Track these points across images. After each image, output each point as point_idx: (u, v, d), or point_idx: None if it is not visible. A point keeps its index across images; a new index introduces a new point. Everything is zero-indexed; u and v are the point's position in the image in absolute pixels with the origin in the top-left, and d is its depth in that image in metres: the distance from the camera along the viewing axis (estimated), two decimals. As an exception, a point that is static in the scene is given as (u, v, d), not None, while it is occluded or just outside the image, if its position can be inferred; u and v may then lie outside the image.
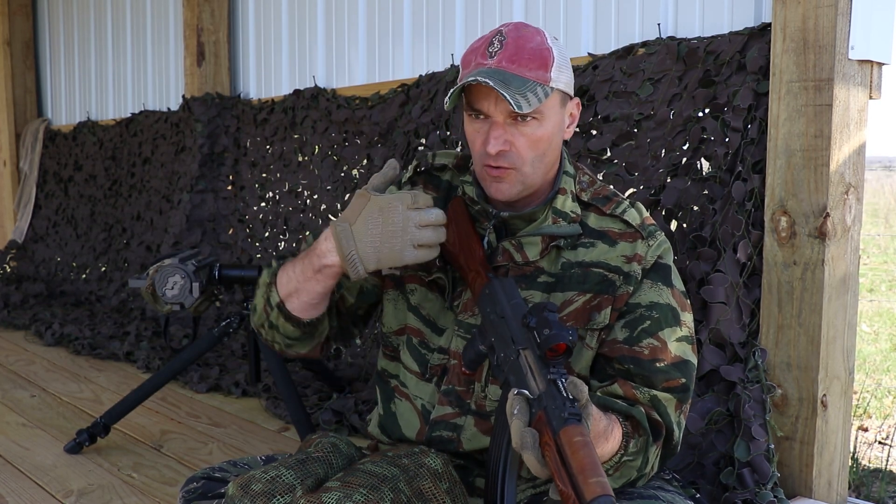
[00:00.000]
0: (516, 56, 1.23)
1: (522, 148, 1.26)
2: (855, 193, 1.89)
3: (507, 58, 1.24)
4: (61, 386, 3.08)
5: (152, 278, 2.28)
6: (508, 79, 1.21)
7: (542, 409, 1.03)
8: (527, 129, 1.25)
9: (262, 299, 1.37)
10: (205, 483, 1.37)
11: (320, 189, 3.39)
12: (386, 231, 1.21)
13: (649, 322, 1.28)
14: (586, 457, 0.96)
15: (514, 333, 1.15)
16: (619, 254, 1.31)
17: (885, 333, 4.52)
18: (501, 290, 1.21)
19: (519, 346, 1.13)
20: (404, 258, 1.23)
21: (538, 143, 1.26)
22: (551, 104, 1.26)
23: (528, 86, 1.22)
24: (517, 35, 1.25)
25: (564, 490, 0.97)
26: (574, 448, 0.97)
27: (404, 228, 1.21)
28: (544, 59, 1.24)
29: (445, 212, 1.37)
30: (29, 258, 5.36)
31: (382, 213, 1.22)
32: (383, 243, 1.22)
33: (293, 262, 1.33)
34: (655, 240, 1.32)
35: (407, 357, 1.41)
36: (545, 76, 1.24)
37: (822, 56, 1.81)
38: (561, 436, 0.99)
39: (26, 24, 5.70)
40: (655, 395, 1.25)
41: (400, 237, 1.21)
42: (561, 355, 1.07)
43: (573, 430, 0.99)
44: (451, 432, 1.34)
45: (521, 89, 1.21)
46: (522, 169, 1.27)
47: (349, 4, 3.40)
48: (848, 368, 1.93)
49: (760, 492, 1.79)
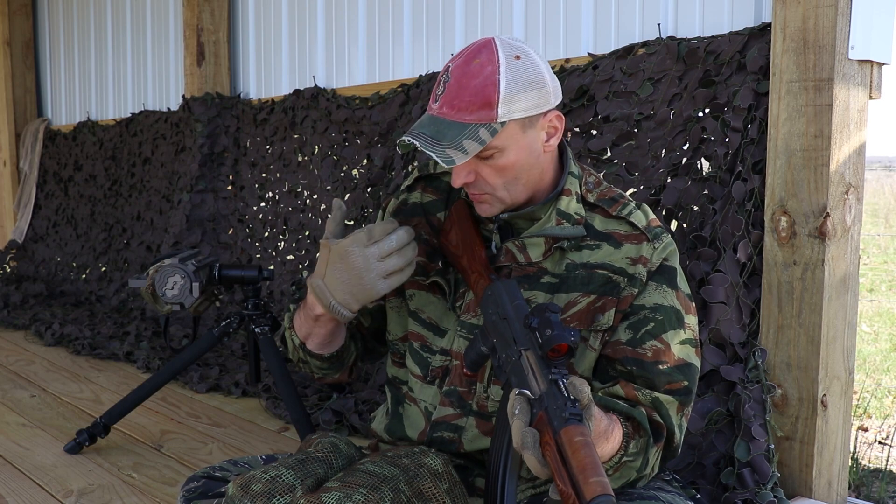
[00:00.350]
0: (456, 99, 1.22)
1: (489, 177, 1.27)
2: (855, 193, 1.89)
3: (447, 102, 1.23)
4: (61, 386, 3.08)
5: (152, 278, 2.28)
6: (444, 130, 1.21)
7: (543, 409, 1.03)
8: (489, 161, 1.26)
9: (289, 341, 1.46)
10: (205, 482, 1.37)
11: (320, 189, 3.39)
12: (352, 275, 1.28)
13: (653, 324, 1.28)
14: (587, 456, 0.96)
15: (515, 334, 1.15)
16: (623, 255, 1.31)
17: (885, 333, 4.52)
18: (504, 291, 1.21)
19: (521, 347, 1.13)
20: (378, 291, 1.29)
21: (504, 171, 1.27)
22: (507, 135, 1.24)
23: (467, 131, 1.21)
24: (461, 73, 1.23)
25: (564, 490, 0.97)
26: (575, 448, 0.97)
27: (367, 267, 1.28)
28: (487, 98, 1.21)
29: (448, 213, 1.37)
30: (29, 258, 5.36)
31: (343, 259, 1.29)
32: (353, 284, 1.29)
33: (299, 310, 1.42)
34: (661, 242, 1.32)
35: (410, 362, 1.42)
36: (490, 114, 1.21)
37: (822, 56, 1.81)
38: (562, 435, 0.99)
39: (26, 24, 5.69)
40: (657, 397, 1.25)
41: (367, 275, 1.28)
42: (563, 356, 1.07)
43: (574, 429, 0.99)
44: (452, 433, 1.35)
45: (458, 139, 1.20)
46: (496, 194, 1.29)
47: (349, 4, 3.40)
48: (848, 368, 1.93)
49: (760, 492, 1.79)
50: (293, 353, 1.46)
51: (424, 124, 1.24)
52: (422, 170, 1.46)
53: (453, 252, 1.35)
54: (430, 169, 1.46)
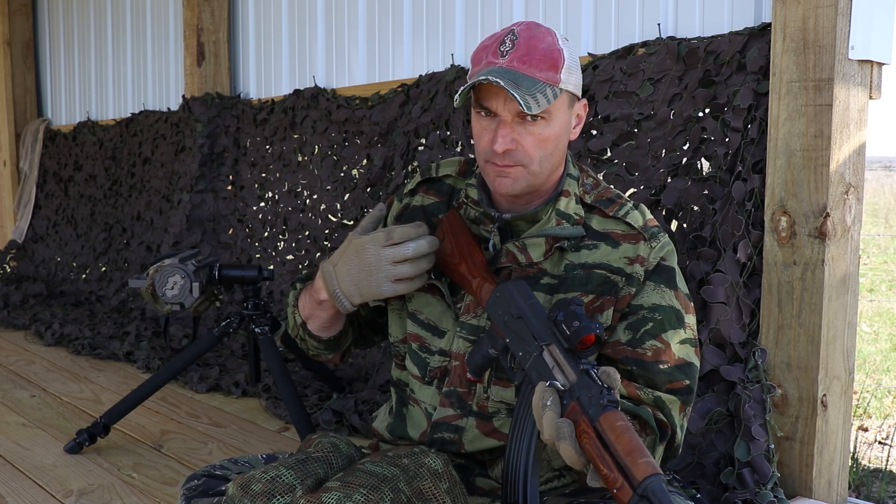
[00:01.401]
0: (527, 56, 1.25)
1: (530, 147, 1.27)
2: (855, 193, 1.89)
3: (518, 57, 1.25)
4: (61, 386, 3.08)
5: (152, 278, 2.28)
6: (519, 79, 1.22)
7: (576, 399, 1.06)
8: (535, 128, 1.26)
9: (291, 317, 1.48)
10: (206, 481, 1.37)
11: (320, 189, 3.39)
12: (362, 269, 1.31)
13: (652, 324, 1.28)
14: (631, 440, 0.99)
15: (534, 331, 1.17)
16: (621, 255, 1.31)
17: (885, 333, 4.52)
18: (515, 291, 1.23)
19: (542, 343, 1.15)
20: (382, 292, 1.32)
21: (545, 142, 1.28)
22: (559, 105, 1.27)
23: (538, 86, 1.23)
24: (529, 35, 1.26)
25: (609, 474, 0.99)
26: (618, 432, 1.00)
27: (378, 266, 1.30)
28: (555, 61, 1.25)
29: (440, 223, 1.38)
30: (29, 258, 5.36)
31: (357, 254, 1.32)
32: (361, 280, 1.32)
33: (305, 290, 1.45)
34: (658, 241, 1.32)
35: (409, 363, 1.42)
36: (555, 77, 1.25)
37: (822, 56, 1.81)
38: (601, 422, 1.01)
39: (26, 24, 5.70)
40: (659, 396, 1.26)
41: (375, 274, 1.31)
42: (590, 347, 1.10)
43: (614, 415, 1.02)
44: (452, 434, 1.35)
45: (531, 90, 1.22)
46: (530, 167, 1.28)
47: (349, 4, 3.40)
48: (848, 368, 1.93)
49: (760, 492, 1.79)
50: (293, 329, 1.49)
51: (496, 73, 1.23)
52: (424, 173, 1.47)
53: (447, 261, 1.35)
54: (432, 172, 1.47)
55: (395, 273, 1.30)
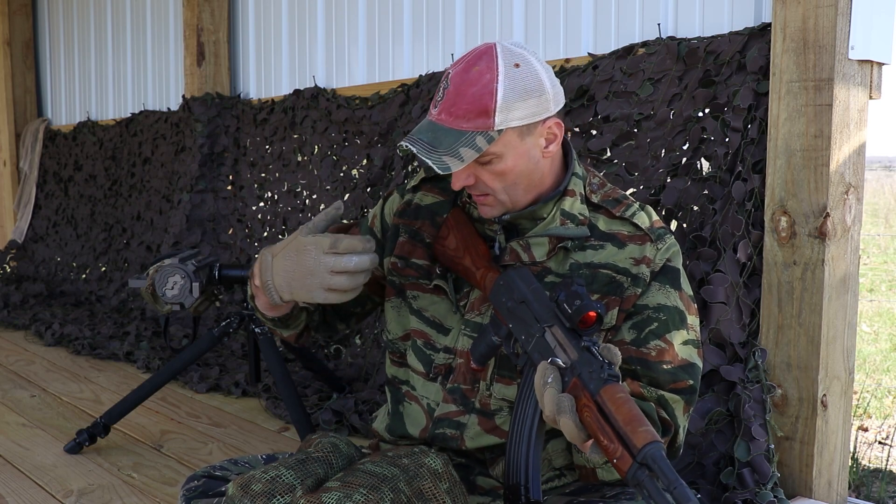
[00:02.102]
0: (454, 107, 1.24)
1: (489, 181, 1.29)
2: (855, 193, 1.89)
3: (445, 109, 1.25)
4: (61, 386, 3.08)
5: (152, 278, 2.28)
6: (441, 136, 1.23)
7: (577, 375, 1.07)
8: (488, 166, 1.28)
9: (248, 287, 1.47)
10: (206, 481, 1.37)
11: (319, 189, 3.39)
12: (298, 270, 1.29)
13: (657, 324, 1.29)
14: (631, 410, 1.01)
15: (537, 314, 1.18)
16: (627, 256, 1.32)
17: (885, 333, 4.52)
18: (517, 278, 1.24)
19: (545, 325, 1.16)
20: (313, 297, 1.29)
21: (503, 175, 1.28)
22: (505, 142, 1.25)
23: (464, 139, 1.23)
24: (460, 81, 1.25)
25: (609, 445, 1.01)
26: (618, 403, 1.02)
27: (313, 272, 1.28)
28: (484, 107, 1.23)
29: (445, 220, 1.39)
30: (29, 258, 5.36)
31: (298, 253, 1.29)
32: (294, 280, 1.29)
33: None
34: (664, 243, 1.33)
35: (413, 359, 1.42)
36: (486, 123, 1.23)
37: (822, 56, 1.81)
38: (602, 394, 1.03)
39: (26, 24, 5.69)
40: (663, 395, 1.26)
41: (310, 278, 1.28)
42: (592, 325, 1.12)
43: (615, 387, 1.04)
44: (454, 430, 1.35)
45: (454, 146, 1.22)
46: (498, 196, 1.30)
47: (349, 4, 3.40)
48: (848, 368, 1.93)
49: (760, 492, 1.79)
50: (249, 299, 1.47)
51: (423, 130, 1.26)
52: (428, 171, 1.47)
53: (452, 256, 1.36)
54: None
55: (330, 282, 1.27)
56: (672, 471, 0.95)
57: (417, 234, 1.42)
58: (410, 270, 1.42)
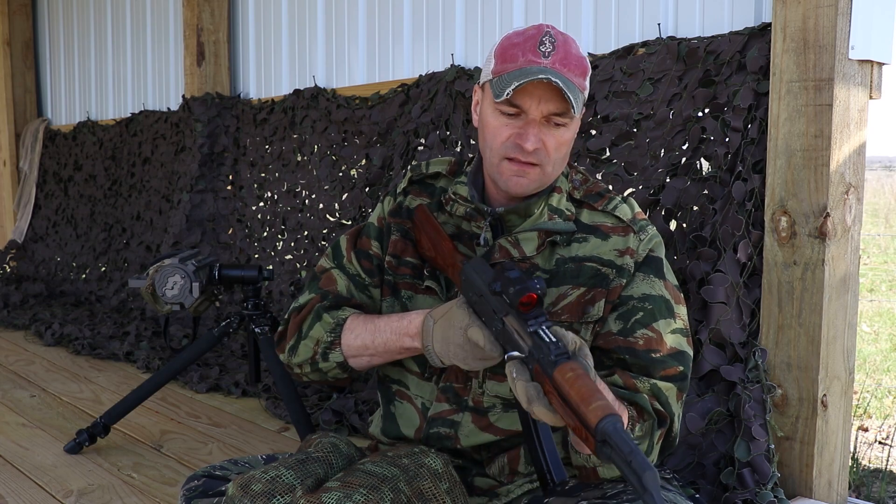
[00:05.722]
0: (566, 60, 1.26)
1: (551, 148, 1.29)
2: (855, 193, 1.89)
3: (559, 60, 1.25)
4: (61, 386, 3.08)
5: (152, 278, 2.28)
6: (566, 83, 1.23)
7: (536, 361, 1.07)
8: (557, 131, 1.28)
9: (310, 351, 1.41)
10: (206, 481, 1.37)
11: (318, 189, 3.39)
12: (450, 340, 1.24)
13: (642, 313, 1.30)
14: (582, 386, 1.00)
15: (493, 305, 1.18)
16: (611, 248, 1.33)
17: (885, 333, 4.52)
18: (472, 270, 1.24)
19: (501, 315, 1.16)
20: (469, 366, 1.24)
21: (563, 145, 1.30)
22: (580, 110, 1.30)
23: (575, 92, 1.25)
24: (564, 39, 1.28)
25: (573, 424, 1.00)
26: (569, 382, 1.01)
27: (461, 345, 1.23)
28: (585, 68, 1.29)
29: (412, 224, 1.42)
30: (29, 258, 5.35)
31: (449, 324, 1.25)
32: (449, 350, 1.25)
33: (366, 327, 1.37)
34: (647, 234, 1.35)
35: (408, 359, 1.42)
36: (584, 84, 1.29)
37: (822, 56, 1.81)
38: (555, 377, 1.03)
39: (26, 24, 5.69)
40: (655, 384, 1.27)
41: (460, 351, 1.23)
42: (535, 306, 1.11)
43: (563, 367, 1.03)
44: (448, 429, 1.35)
45: (574, 94, 1.24)
46: (546, 168, 1.30)
47: (349, 4, 3.40)
48: (848, 368, 1.93)
49: (761, 492, 1.79)
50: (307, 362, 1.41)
51: (548, 73, 1.23)
52: (414, 170, 1.49)
53: (430, 256, 1.37)
54: (422, 169, 1.48)
55: (482, 364, 1.23)
56: (626, 441, 0.93)
57: (408, 233, 1.44)
58: (405, 269, 1.43)
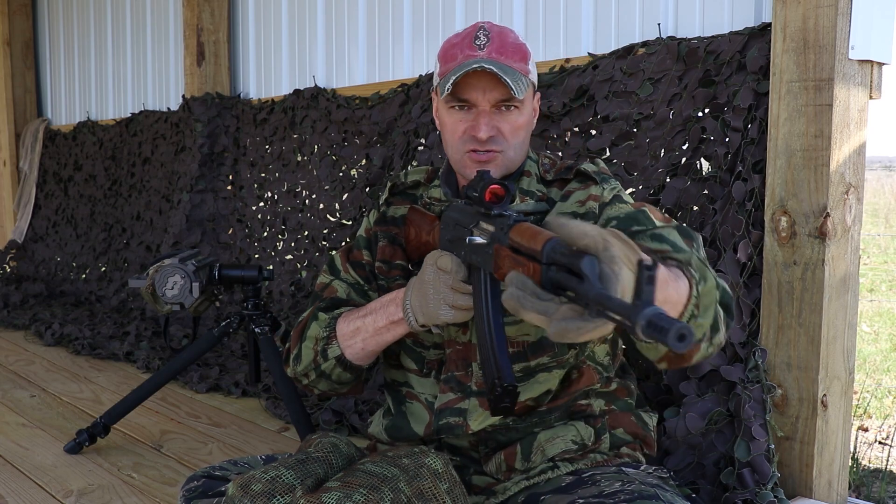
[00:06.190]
0: (503, 48, 1.33)
1: (507, 133, 1.35)
2: (855, 193, 1.89)
3: (495, 49, 1.33)
4: (61, 386, 3.08)
5: (152, 278, 2.28)
6: (502, 68, 1.30)
7: (497, 241, 1.12)
8: (510, 116, 1.34)
9: (311, 353, 1.42)
10: (205, 481, 1.38)
11: (318, 189, 3.39)
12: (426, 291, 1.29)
13: (616, 221, 1.31)
14: (531, 227, 1.05)
15: (463, 223, 1.24)
16: (572, 202, 1.38)
17: (885, 333, 4.52)
18: (450, 212, 1.31)
19: (470, 226, 1.21)
20: (440, 316, 1.28)
21: (519, 129, 1.36)
22: (528, 95, 1.37)
23: (517, 76, 1.31)
24: (499, 30, 1.36)
25: (526, 264, 1.03)
26: (521, 231, 1.06)
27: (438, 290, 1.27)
28: (524, 53, 1.36)
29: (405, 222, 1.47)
30: (29, 258, 5.35)
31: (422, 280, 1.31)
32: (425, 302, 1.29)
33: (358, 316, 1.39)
34: (609, 184, 1.40)
35: (405, 359, 1.44)
36: (526, 68, 1.35)
37: (822, 56, 1.81)
38: (511, 236, 1.08)
39: (26, 24, 5.69)
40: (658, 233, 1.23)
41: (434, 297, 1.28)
42: (502, 198, 1.18)
43: (517, 226, 1.08)
44: (457, 417, 1.37)
45: (514, 78, 1.30)
46: (507, 153, 1.36)
47: (349, 4, 3.40)
48: (848, 368, 1.93)
49: (760, 492, 1.79)
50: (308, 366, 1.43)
51: (483, 63, 1.30)
52: (393, 180, 1.53)
53: (417, 244, 1.42)
54: (400, 179, 1.53)
55: (454, 301, 1.26)
56: (570, 256, 0.93)
57: (395, 238, 1.47)
58: (395, 271, 1.46)
